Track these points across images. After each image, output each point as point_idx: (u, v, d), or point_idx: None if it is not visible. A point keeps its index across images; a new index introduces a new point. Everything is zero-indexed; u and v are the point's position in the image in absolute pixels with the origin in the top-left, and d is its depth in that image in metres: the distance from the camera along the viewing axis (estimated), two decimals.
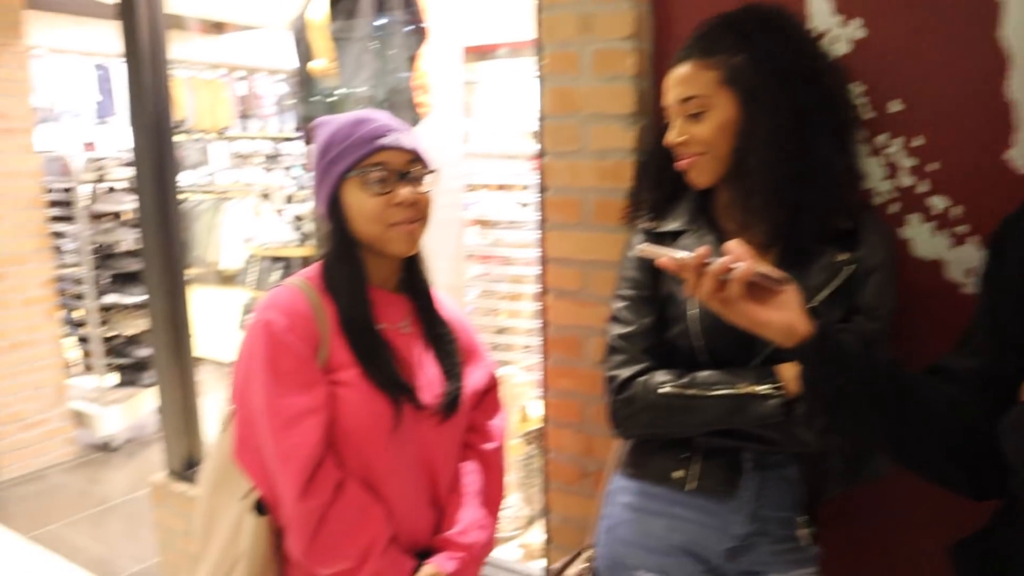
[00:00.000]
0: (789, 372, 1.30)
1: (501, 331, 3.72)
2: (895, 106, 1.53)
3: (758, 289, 1.07)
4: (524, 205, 3.74)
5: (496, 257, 3.66)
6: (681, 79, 1.37)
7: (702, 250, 1.05)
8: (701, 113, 1.35)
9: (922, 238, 1.54)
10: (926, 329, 1.50)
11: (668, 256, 1.08)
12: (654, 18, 1.76)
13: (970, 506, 1.10)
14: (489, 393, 1.63)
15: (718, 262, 1.05)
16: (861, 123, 1.50)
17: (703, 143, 1.36)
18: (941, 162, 1.50)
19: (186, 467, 3.20)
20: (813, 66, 1.35)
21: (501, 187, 3.74)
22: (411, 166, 1.41)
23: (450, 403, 1.47)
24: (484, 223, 3.66)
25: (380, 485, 1.41)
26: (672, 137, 1.39)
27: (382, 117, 1.42)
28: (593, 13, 1.74)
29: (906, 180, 1.54)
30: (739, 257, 1.07)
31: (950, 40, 1.47)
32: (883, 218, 1.53)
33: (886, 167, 1.55)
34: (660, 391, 1.37)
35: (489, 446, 1.60)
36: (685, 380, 1.37)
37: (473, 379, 1.56)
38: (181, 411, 3.20)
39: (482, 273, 3.71)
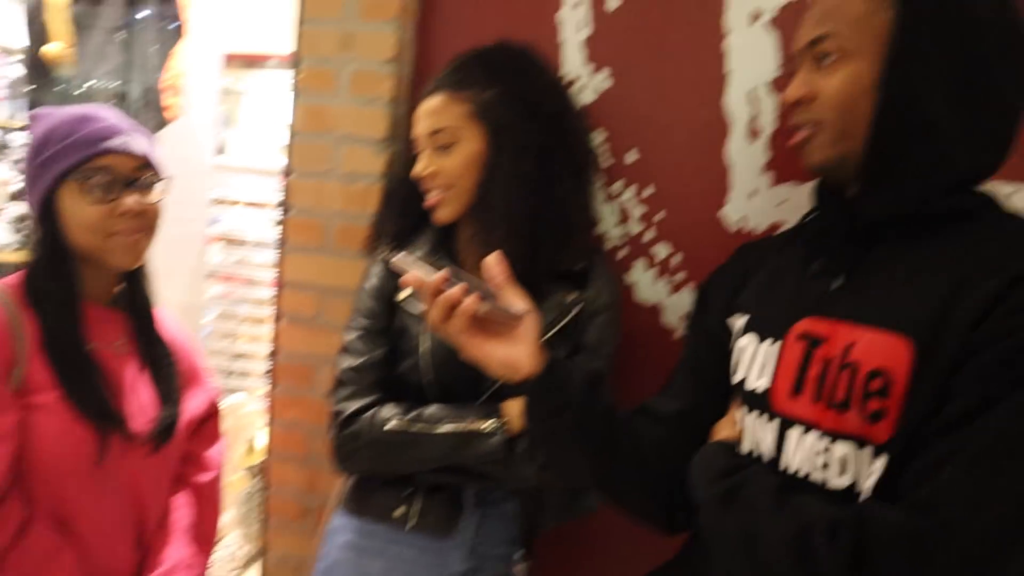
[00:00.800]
0: (514, 409, 1.32)
1: (238, 356, 3.52)
2: (632, 156, 1.61)
3: (492, 322, 1.05)
4: (275, 224, 3.58)
5: (240, 278, 3.48)
6: (431, 111, 1.37)
7: (441, 273, 1.02)
8: (450, 146, 1.36)
9: (644, 283, 1.62)
10: (643, 370, 1.56)
11: (414, 273, 1.04)
12: (416, 44, 1.75)
13: (676, 540, 1.16)
14: (208, 421, 1.52)
15: (450, 291, 1.02)
16: (599, 169, 1.57)
17: (450, 176, 1.36)
18: (667, 212, 1.60)
19: None
20: (558, 108, 1.40)
21: (252, 204, 3.56)
22: (140, 173, 1.30)
23: (163, 431, 1.35)
24: (230, 241, 3.47)
25: (76, 524, 1.25)
26: (419, 169, 1.38)
27: (110, 116, 1.30)
28: (355, 32, 1.70)
29: (635, 227, 1.62)
30: (494, 276, 1.06)
31: (685, 99, 1.57)
32: (612, 262, 1.61)
33: (619, 213, 1.62)
34: (385, 427, 1.34)
35: (204, 477, 1.48)
36: (411, 415, 1.34)
37: (191, 405, 1.45)
38: None
39: (223, 293, 3.50)
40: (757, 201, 1.54)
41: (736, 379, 1.08)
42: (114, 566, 1.31)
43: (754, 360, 1.04)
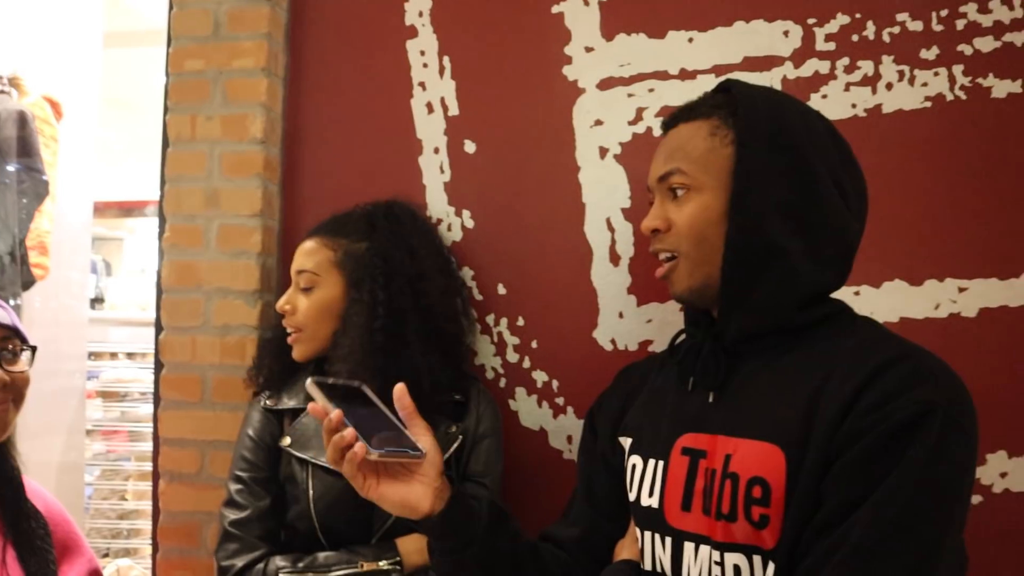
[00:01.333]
0: (409, 545, 1.33)
1: (125, 515, 3.35)
2: (501, 289, 1.67)
3: (392, 463, 1.03)
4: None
5: (122, 432, 3.34)
6: (303, 251, 1.45)
7: (335, 413, 0.98)
8: (310, 289, 1.42)
9: (528, 409, 1.66)
10: (537, 492, 1.60)
11: (318, 404, 1.01)
12: (283, 197, 1.79)
13: None
14: None
15: (342, 434, 0.98)
16: (471, 304, 1.63)
17: (305, 317, 1.43)
18: (539, 341, 1.66)
19: None
20: (425, 261, 1.46)
21: (130, 355, 3.46)
22: (6, 343, 1.27)
23: None
24: (108, 395, 3.35)
25: None
26: (280, 302, 1.45)
27: None
28: (220, 188, 1.73)
29: (512, 356, 1.66)
30: (402, 408, 1.04)
31: (546, 232, 1.66)
32: (496, 389, 1.65)
33: (495, 344, 1.67)
34: None
35: None
36: (303, 563, 1.32)
37: None
38: None
39: (105, 451, 3.36)
40: (626, 322, 1.61)
41: (632, 497, 1.10)
42: None
43: (644, 478, 1.07)
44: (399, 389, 1.05)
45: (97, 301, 4.20)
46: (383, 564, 1.32)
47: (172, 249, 1.76)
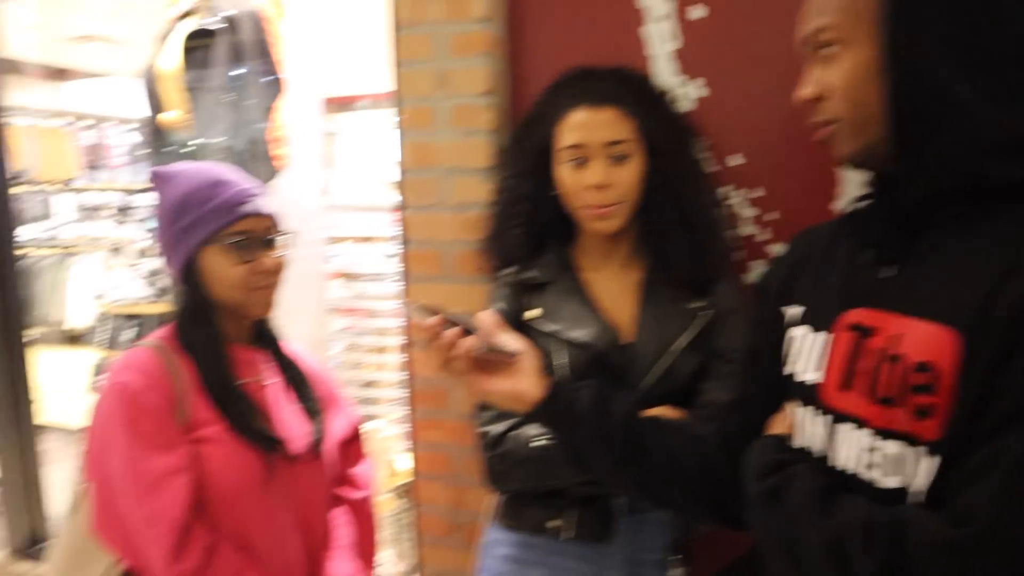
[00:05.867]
0: (662, 412, 1.33)
1: (367, 384, 3.67)
2: (736, 160, 1.62)
3: (493, 360, 1.10)
4: (389, 257, 3.71)
5: (360, 310, 3.62)
6: (605, 122, 1.39)
7: (433, 320, 1.05)
8: (625, 158, 1.40)
9: None
10: None
11: (416, 320, 1.09)
12: (510, 74, 1.81)
13: None
14: (353, 442, 1.62)
15: (444, 336, 1.05)
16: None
17: (624, 189, 1.40)
18: (779, 212, 1.60)
19: (29, 544, 2.97)
20: (683, 125, 1.49)
21: (364, 239, 3.71)
22: (271, 231, 1.41)
23: (316, 445, 1.46)
24: (347, 276, 3.62)
25: (254, 545, 1.36)
26: (596, 179, 1.39)
27: (239, 179, 1.40)
28: (450, 69, 1.78)
29: (748, 229, 1.63)
30: (485, 325, 1.09)
31: (786, 98, 1.56)
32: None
33: (730, 217, 1.63)
34: (533, 445, 1.38)
35: (358, 495, 1.58)
36: None
37: (336, 428, 1.55)
38: (23, 483, 2.97)
39: (347, 326, 3.66)
40: None
41: (787, 371, 1.03)
42: None
43: (805, 352, 1.00)
44: (481, 316, 1.11)
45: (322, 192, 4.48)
46: None
47: (409, 131, 1.84)
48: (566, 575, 1.45)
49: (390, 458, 3.06)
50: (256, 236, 1.38)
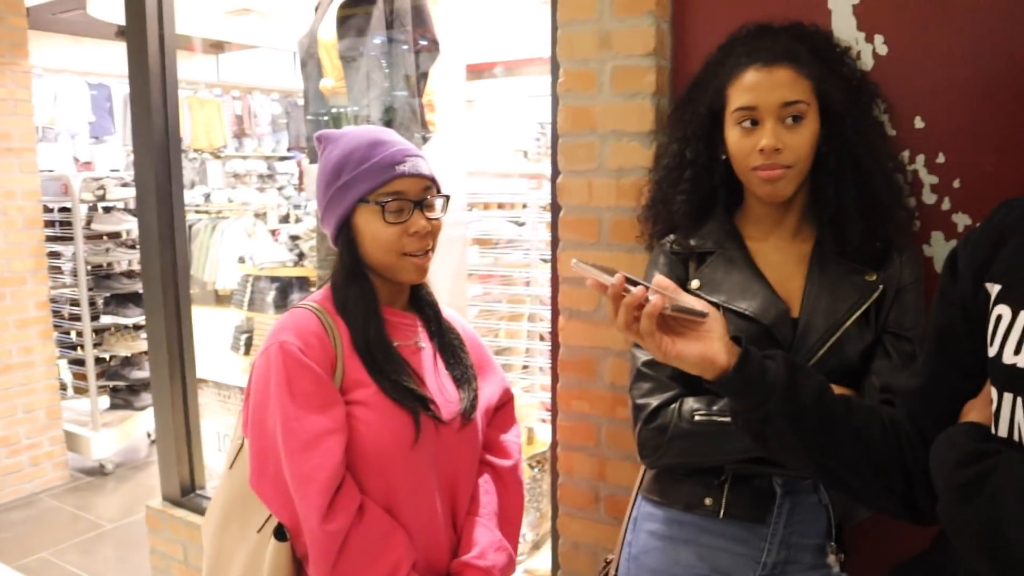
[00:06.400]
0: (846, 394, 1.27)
1: (501, 351, 3.68)
2: (917, 123, 1.51)
3: (678, 322, 1.04)
4: (521, 224, 3.72)
5: (495, 276, 3.63)
6: (781, 82, 1.31)
7: (618, 277, 1.01)
8: (799, 119, 1.32)
9: (943, 255, 1.51)
10: None
11: (596, 278, 1.03)
12: (673, 35, 1.75)
13: None
14: (503, 408, 1.62)
15: (632, 294, 1.01)
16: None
17: (797, 153, 1.32)
18: (961, 180, 1.49)
19: (183, 493, 3.14)
20: (862, 86, 1.41)
21: (500, 206, 3.71)
22: (426, 193, 1.40)
23: (467, 410, 1.46)
24: (483, 242, 3.63)
25: (401, 507, 1.38)
26: (770, 142, 1.30)
27: (397, 140, 1.40)
28: (612, 30, 1.73)
29: (929, 197, 1.52)
30: (663, 288, 1.04)
31: (974, 57, 1.45)
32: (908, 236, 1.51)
33: (909, 184, 1.53)
34: (693, 420, 1.34)
35: (506, 463, 1.57)
36: (717, 407, 1.33)
37: (487, 393, 1.55)
38: (179, 435, 3.14)
39: (482, 293, 3.68)
40: None
41: (992, 352, 0.94)
42: (434, 544, 1.43)
43: (1011, 332, 0.91)
44: (659, 279, 1.05)
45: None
46: None
47: (567, 94, 1.80)
48: (717, 555, 1.41)
49: (528, 426, 3.06)
50: (410, 198, 1.37)
